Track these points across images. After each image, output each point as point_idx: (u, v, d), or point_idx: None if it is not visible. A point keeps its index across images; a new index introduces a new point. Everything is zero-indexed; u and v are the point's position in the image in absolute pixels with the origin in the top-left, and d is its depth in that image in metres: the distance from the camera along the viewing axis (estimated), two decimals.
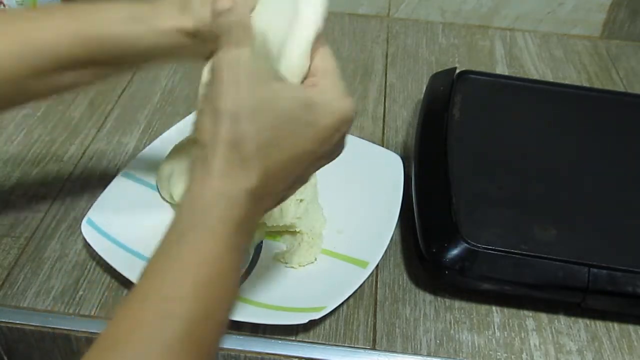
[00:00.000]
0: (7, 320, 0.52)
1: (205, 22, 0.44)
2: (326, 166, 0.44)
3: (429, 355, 0.51)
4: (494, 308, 0.55)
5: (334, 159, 0.43)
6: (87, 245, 0.56)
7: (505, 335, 0.53)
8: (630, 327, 0.55)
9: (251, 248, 0.58)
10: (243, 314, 0.50)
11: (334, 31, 0.90)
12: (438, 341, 0.52)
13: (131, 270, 0.53)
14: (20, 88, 0.46)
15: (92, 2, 0.47)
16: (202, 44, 0.45)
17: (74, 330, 0.52)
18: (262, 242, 0.58)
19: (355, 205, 0.61)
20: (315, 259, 0.57)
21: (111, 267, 0.53)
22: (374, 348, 0.52)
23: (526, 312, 0.55)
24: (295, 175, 0.41)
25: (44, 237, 0.59)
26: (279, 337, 0.51)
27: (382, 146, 0.68)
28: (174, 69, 0.80)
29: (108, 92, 0.76)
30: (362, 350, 0.51)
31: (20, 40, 0.45)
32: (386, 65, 0.85)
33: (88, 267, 0.56)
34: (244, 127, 0.37)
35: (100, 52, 0.46)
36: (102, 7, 0.46)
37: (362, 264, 0.54)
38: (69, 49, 0.45)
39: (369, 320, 0.54)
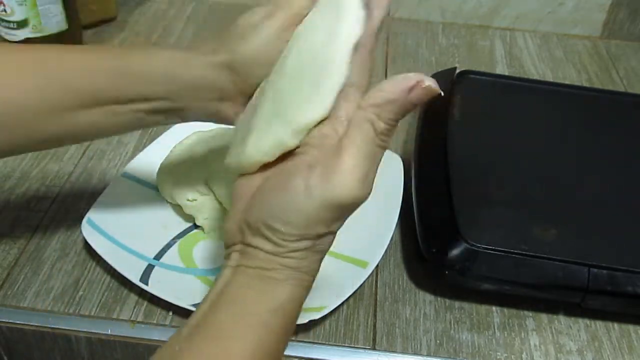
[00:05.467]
0: (7, 320, 0.52)
1: (235, 57, 0.44)
2: None
3: (429, 355, 0.51)
4: (494, 308, 0.55)
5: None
6: (87, 245, 0.56)
7: (505, 335, 0.53)
8: (630, 327, 0.55)
9: None
10: None
11: None
12: (438, 341, 0.52)
13: (131, 270, 0.53)
14: (39, 126, 0.44)
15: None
16: (231, 80, 0.45)
17: (74, 330, 0.52)
18: None
19: None
20: None
21: (111, 267, 0.53)
22: (374, 348, 0.52)
23: (526, 312, 0.55)
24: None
25: (44, 237, 0.59)
26: None
27: None
28: None
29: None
30: (362, 350, 0.51)
31: (46, 74, 0.43)
32: (386, 65, 0.85)
33: (88, 267, 0.56)
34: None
35: (129, 87, 0.44)
36: (136, 47, 0.46)
37: (362, 264, 0.54)
38: (101, 83, 0.44)
39: (369, 320, 0.54)
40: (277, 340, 0.38)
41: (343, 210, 0.38)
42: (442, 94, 0.37)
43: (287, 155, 0.39)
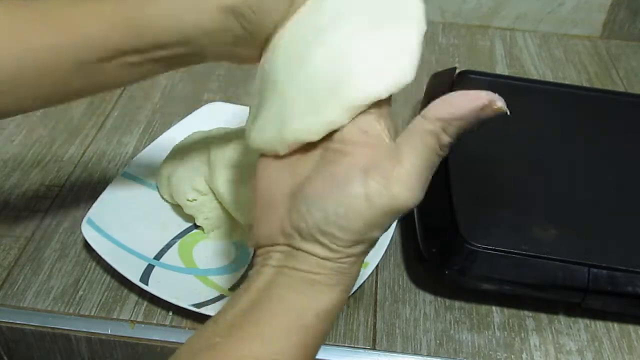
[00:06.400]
0: (7, 320, 0.52)
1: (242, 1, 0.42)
2: None
3: (429, 355, 0.51)
4: (494, 308, 0.55)
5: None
6: (87, 245, 0.56)
7: (505, 335, 0.53)
8: (630, 327, 0.55)
9: (251, 248, 0.58)
10: None
11: None
12: (438, 341, 0.52)
13: (131, 270, 0.53)
14: (64, 83, 0.44)
15: None
16: (241, 26, 0.43)
17: (74, 330, 0.52)
18: None
19: None
20: None
21: (111, 267, 0.53)
22: (374, 348, 0.52)
23: (526, 312, 0.55)
24: None
25: (44, 237, 0.59)
26: None
27: None
28: None
29: (108, 92, 0.76)
30: (362, 350, 0.51)
31: (66, 32, 0.43)
32: None
33: (88, 267, 0.56)
34: None
35: (144, 37, 0.43)
36: None
37: (362, 264, 0.54)
38: (117, 36, 0.43)
39: (369, 320, 0.54)
40: (317, 344, 0.38)
41: (399, 215, 0.37)
42: (509, 114, 0.37)
43: (312, 146, 0.38)
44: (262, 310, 0.36)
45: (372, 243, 0.38)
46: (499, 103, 0.36)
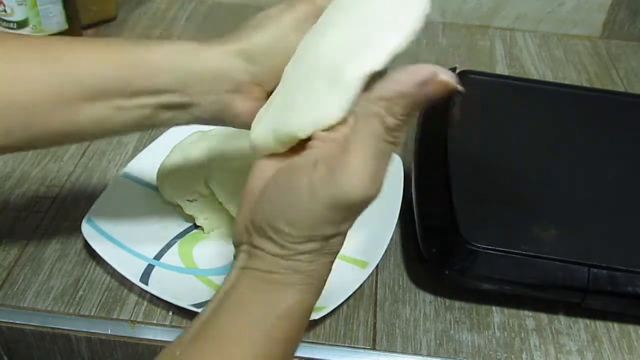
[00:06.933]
0: (7, 320, 0.52)
1: (249, 45, 0.42)
2: None
3: (429, 355, 0.51)
4: (494, 308, 0.55)
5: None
6: (87, 245, 0.56)
7: (505, 335, 0.53)
8: (630, 327, 0.55)
9: None
10: None
11: None
12: (438, 341, 0.52)
13: (131, 270, 0.53)
14: (49, 120, 0.42)
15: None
16: (245, 69, 0.43)
17: (74, 330, 0.52)
18: None
19: None
20: None
21: (111, 267, 0.53)
22: (374, 348, 0.52)
23: (526, 312, 0.55)
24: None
25: (44, 237, 0.59)
26: None
27: None
28: None
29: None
30: (362, 350, 0.51)
31: (57, 66, 0.42)
32: None
33: (88, 267, 0.56)
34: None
35: (136, 78, 0.42)
36: (146, 40, 0.44)
37: (362, 264, 0.54)
38: (109, 76, 0.42)
39: (369, 320, 0.54)
40: (283, 347, 0.36)
41: (352, 210, 0.35)
42: (461, 89, 0.34)
43: (298, 148, 0.37)
44: (223, 316, 0.36)
45: (327, 240, 0.36)
46: (443, 75, 0.34)
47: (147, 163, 0.62)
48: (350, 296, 0.53)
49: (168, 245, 0.57)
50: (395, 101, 0.34)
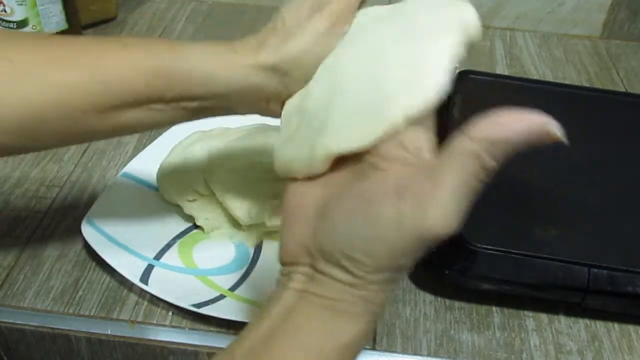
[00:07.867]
0: (7, 320, 0.52)
1: (282, 58, 0.42)
2: None
3: (429, 355, 0.51)
4: (494, 308, 0.55)
5: None
6: (87, 245, 0.56)
7: (505, 335, 0.53)
8: (630, 327, 0.55)
9: (251, 248, 0.58)
10: (243, 314, 0.50)
11: None
12: (438, 341, 0.52)
13: (131, 270, 0.53)
14: (81, 124, 0.42)
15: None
16: (279, 82, 0.42)
17: (73, 330, 0.52)
18: (262, 242, 0.58)
19: None
20: None
21: (111, 267, 0.53)
22: (374, 348, 0.52)
23: (526, 312, 0.55)
24: None
25: (44, 237, 0.59)
26: None
27: None
28: None
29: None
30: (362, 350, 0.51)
31: (90, 72, 0.41)
32: None
33: (88, 267, 0.56)
34: None
35: (171, 88, 0.42)
36: (178, 43, 0.44)
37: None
38: (142, 85, 0.42)
39: None
40: None
41: (432, 242, 0.33)
42: (565, 141, 0.34)
43: (348, 162, 0.36)
44: (281, 341, 0.34)
45: (400, 270, 0.35)
46: (553, 129, 0.33)
47: (147, 163, 0.62)
48: None
49: (168, 246, 0.57)
50: (499, 146, 0.34)
